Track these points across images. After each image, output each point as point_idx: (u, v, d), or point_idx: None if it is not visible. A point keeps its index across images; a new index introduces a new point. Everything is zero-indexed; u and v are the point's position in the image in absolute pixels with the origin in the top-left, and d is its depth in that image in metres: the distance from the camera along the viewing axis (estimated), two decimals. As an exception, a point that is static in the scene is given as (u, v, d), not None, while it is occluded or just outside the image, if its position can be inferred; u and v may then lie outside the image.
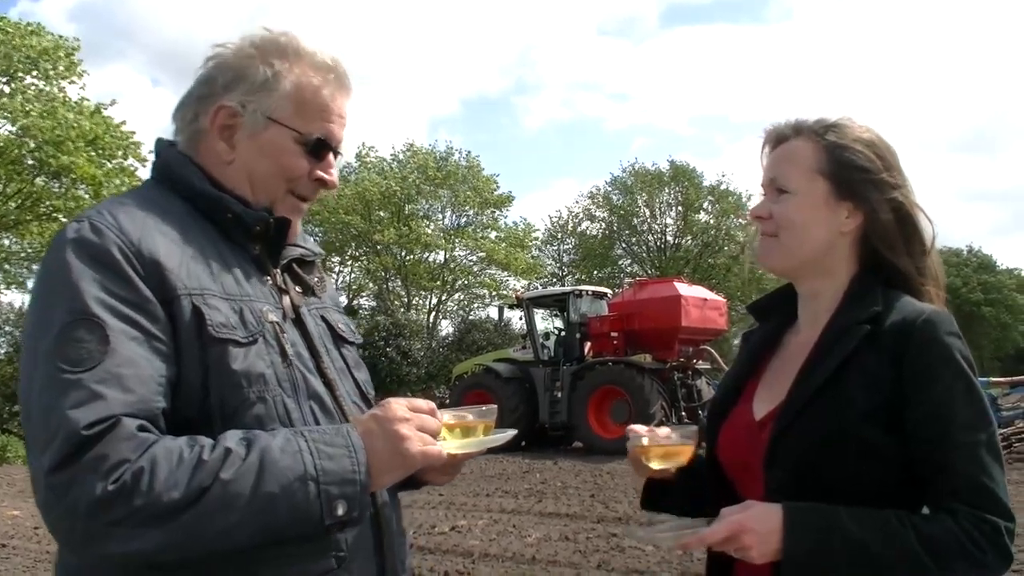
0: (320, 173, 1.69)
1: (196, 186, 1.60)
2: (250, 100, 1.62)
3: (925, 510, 1.67)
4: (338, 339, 1.77)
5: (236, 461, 1.33)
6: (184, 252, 1.50)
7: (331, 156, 1.70)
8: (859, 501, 1.62)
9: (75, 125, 23.04)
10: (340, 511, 1.37)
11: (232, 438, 1.37)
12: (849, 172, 1.77)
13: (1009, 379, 18.60)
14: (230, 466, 1.32)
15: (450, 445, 1.57)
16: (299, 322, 1.65)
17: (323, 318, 1.75)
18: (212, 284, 1.50)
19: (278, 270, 1.68)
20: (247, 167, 1.64)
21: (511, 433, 1.70)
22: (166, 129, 1.74)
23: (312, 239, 1.84)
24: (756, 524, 1.58)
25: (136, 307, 1.39)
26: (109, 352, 1.34)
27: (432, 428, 1.49)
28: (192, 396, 1.43)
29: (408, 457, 1.44)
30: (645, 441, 1.81)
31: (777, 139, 1.86)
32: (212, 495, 1.29)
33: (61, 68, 24.34)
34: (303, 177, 1.67)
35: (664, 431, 1.74)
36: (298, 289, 1.71)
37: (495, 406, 1.69)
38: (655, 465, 1.82)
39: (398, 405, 1.49)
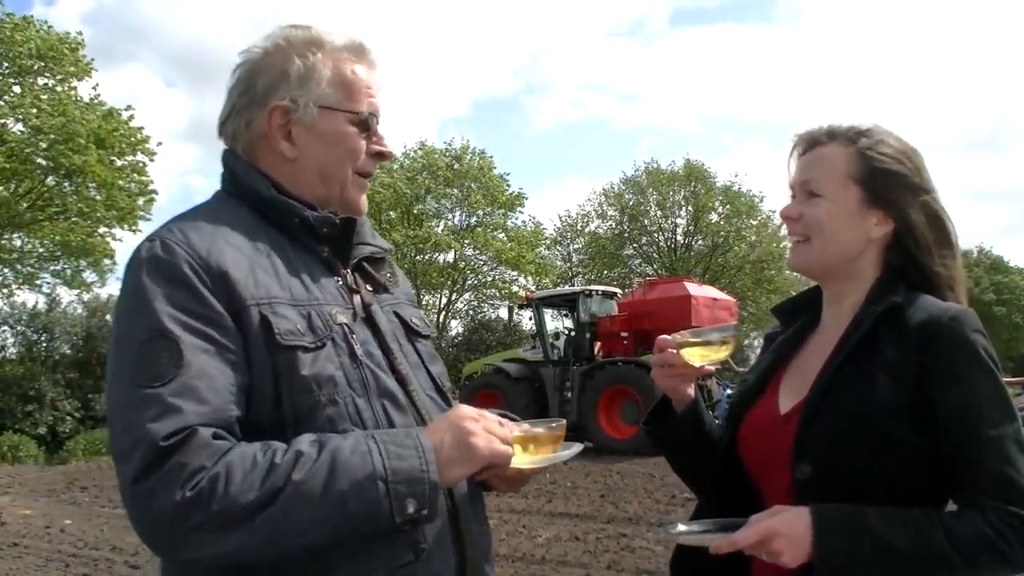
0: (376, 147, 1.75)
1: (263, 194, 1.65)
2: (299, 94, 1.66)
3: (951, 505, 1.67)
4: (411, 333, 1.80)
5: (307, 462, 1.37)
6: (252, 262, 1.55)
7: (378, 128, 1.76)
8: (885, 495, 1.64)
9: (84, 121, 23.05)
10: (411, 509, 1.41)
11: (304, 441, 1.41)
12: (882, 179, 1.79)
13: (1021, 379, 18.57)
14: (302, 467, 1.37)
15: (521, 460, 1.62)
16: (370, 320, 1.69)
17: (396, 313, 1.79)
18: (280, 292, 1.55)
19: (348, 270, 1.72)
20: (314, 160, 1.69)
21: (579, 447, 1.75)
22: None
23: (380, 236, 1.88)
24: (786, 528, 1.59)
25: (207, 320, 1.45)
26: (183, 366, 1.39)
27: (499, 433, 1.54)
28: (264, 403, 1.48)
29: (475, 451, 1.50)
30: (691, 338, 1.85)
31: (810, 143, 1.88)
32: (285, 495, 1.34)
33: (67, 66, 24.31)
34: (363, 155, 1.73)
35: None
36: (369, 287, 1.75)
37: (564, 421, 1.73)
38: (698, 362, 1.86)
39: (467, 407, 1.57)
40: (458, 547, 1.63)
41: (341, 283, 1.68)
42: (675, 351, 1.86)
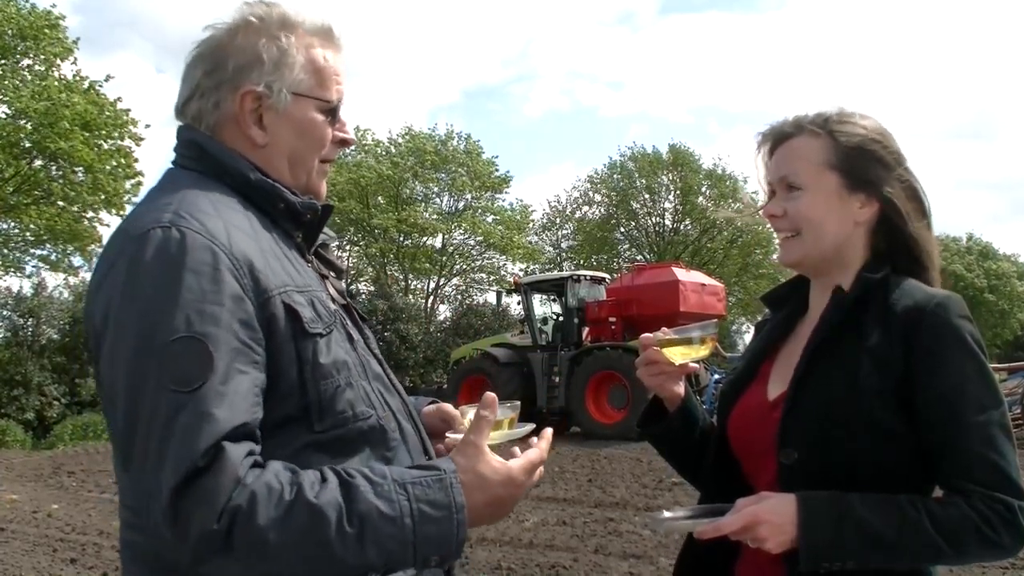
0: (341, 134, 1.72)
1: (250, 177, 1.59)
2: (273, 80, 1.61)
3: (938, 491, 1.68)
4: (362, 320, 1.79)
5: (334, 523, 1.32)
6: (260, 246, 1.50)
7: (341, 114, 1.73)
8: (871, 481, 1.64)
9: (67, 104, 22.83)
10: (432, 564, 1.41)
11: (333, 487, 1.35)
12: (857, 161, 1.79)
13: (1007, 365, 18.67)
14: (328, 525, 1.32)
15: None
16: (347, 306, 1.69)
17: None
18: (287, 278, 1.50)
19: (311, 257, 1.70)
20: (284, 147, 1.64)
21: (530, 426, 1.74)
22: (171, 113, 1.71)
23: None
24: (771, 516, 1.60)
25: (236, 318, 1.38)
26: (213, 369, 1.33)
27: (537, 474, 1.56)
28: (291, 393, 1.45)
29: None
30: (672, 335, 1.86)
31: (779, 137, 1.87)
32: (311, 554, 1.32)
33: (49, 45, 23.99)
34: (329, 143, 1.70)
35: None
36: (332, 274, 1.74)
37: (519, 402, 1.75)
38: (679, 360, 1.88)
39: (527, 475, 1.52)
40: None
41: (312, 269, 1.66)
42: (657, 349, 1.86)
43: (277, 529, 1.30)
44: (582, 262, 42.62)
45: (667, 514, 1.75)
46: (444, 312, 40.13)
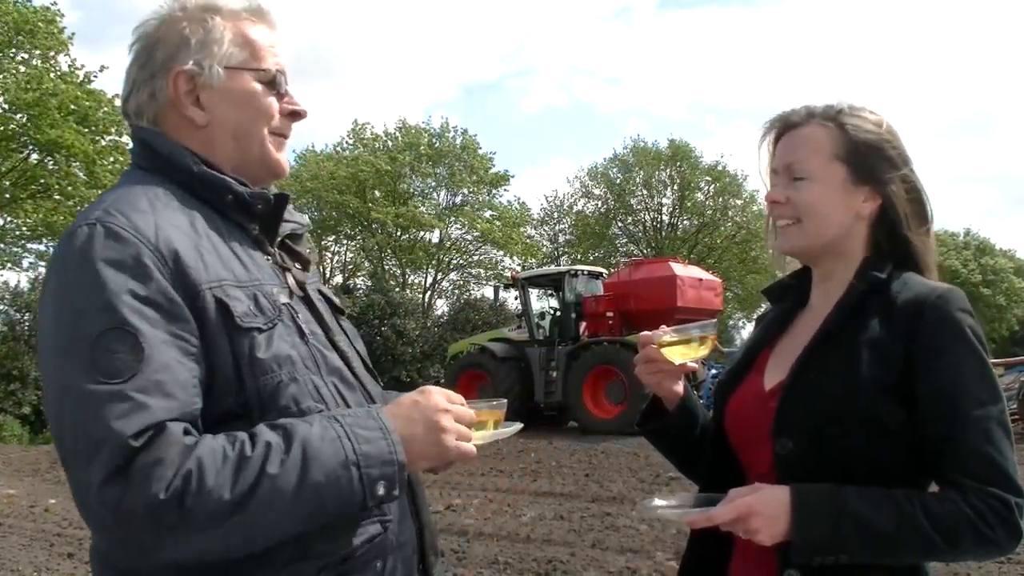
0: (290, 106, 1.70)
1: (193, 169, 1.57)
2: (202, 57, 1.60)
3: (934, 485, 1.67)
4: (335, 311, 1.77)
5: (278, 454, 1.34)
6: (195, 243, 1.48)
7: (287, 87, 1.71)
8: (867, 473, 1.63)
9: (55, 93, 22.73)
10: (381, 491, 1.41)
11: (270, 431, 1.38)
12: (866, 156, 1.79)
13: (1004, 360, 18.66)
14: (273, 460, 1.34)
15: None
16: (307, 298, 1.66)
17: (319, 291, 1.75)
18: (225, 273, 1.49)
19: (275, 248, 1.67)
20: (226, 123, 1.63)
21: (518, 426, 1.75)
22: None
23: (297, 211, 1.81)
24: (764, 507, 1.59)
25: (163, 310, 1.38)
26: (144, 360, 1.33)
27: (467, 419, 1.55)
28: (227, 389, 1.44)
29: (444, 449, 1.50)
30: (670, 336, 1.85)
31: (788, 125, 1.86)
32: (261, 491, 1.32)
33: (44, 39, 23.87)
34: (276, 115, 1.68)
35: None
36: (297, 265, 1.71)
37: (505, 400, 1.74)
38: (679, 360, 1.87)
39: (438, 395, 1.54)
40: (416, 517, 1.69)
41: (271, 261, 1.64)
42: (656, 348, 1.86)
43: (229, 485, 1.30)
44: (579, 257, 42.63)
45: (659, 502, 1.74)
46: (441, 307, 40.11)
